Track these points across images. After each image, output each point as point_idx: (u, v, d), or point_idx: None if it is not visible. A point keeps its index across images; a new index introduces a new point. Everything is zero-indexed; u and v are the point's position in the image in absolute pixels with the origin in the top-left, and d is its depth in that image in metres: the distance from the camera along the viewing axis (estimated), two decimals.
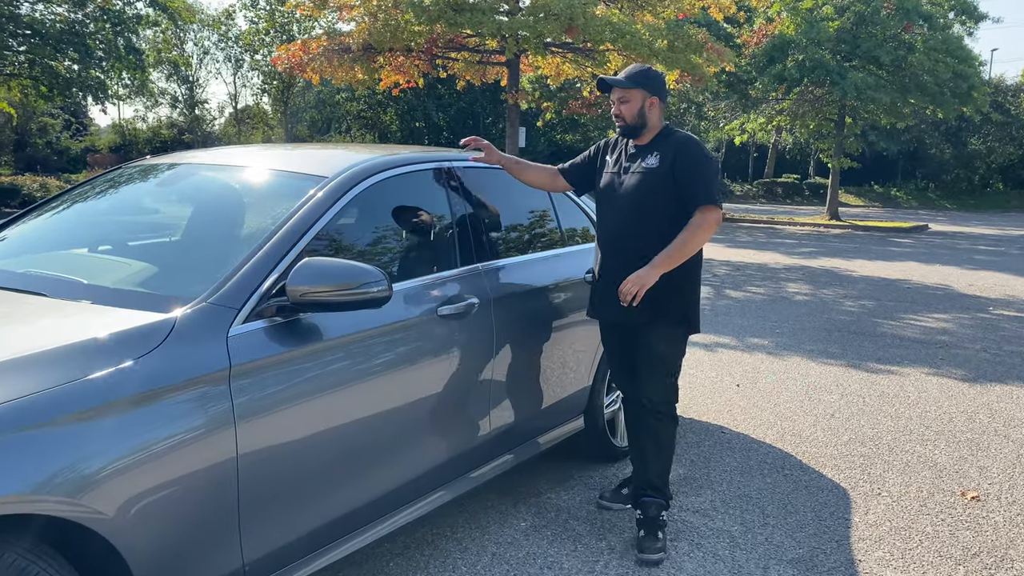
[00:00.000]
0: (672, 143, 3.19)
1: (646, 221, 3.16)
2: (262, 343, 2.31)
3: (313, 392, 2.41)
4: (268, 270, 2.42)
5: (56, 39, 18.20)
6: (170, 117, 37.31)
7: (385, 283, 2.42)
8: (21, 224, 3.18)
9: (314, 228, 2.60)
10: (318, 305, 2.38)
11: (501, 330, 3.17)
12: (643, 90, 3.20)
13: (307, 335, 2.44)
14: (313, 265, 2.37)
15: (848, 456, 4.34)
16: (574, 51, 14.78)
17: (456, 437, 3.02)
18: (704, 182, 3.11)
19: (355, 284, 2.38)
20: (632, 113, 3.21)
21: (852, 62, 21.49)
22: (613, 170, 3.30)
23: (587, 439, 3.98)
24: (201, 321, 2.22)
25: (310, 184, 2.77)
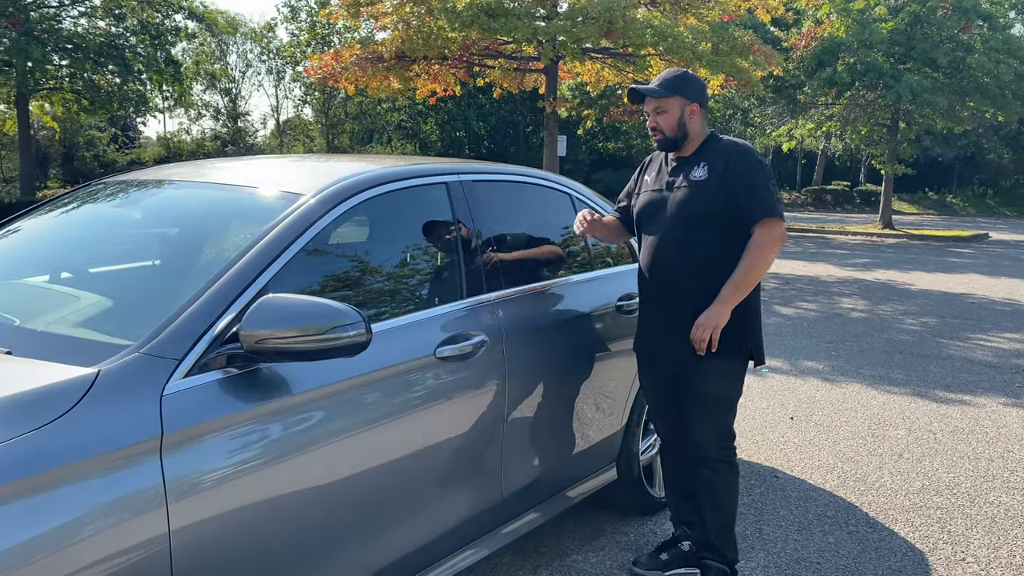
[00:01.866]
0: (720, 152, 2.86)
1: (697, 240, 2.82)
2: (208, 402, 1.88)
3: (276, 460, 1.97)
4: (220, 310, 1.98)
5: (96, 52, 18.27)
6: (213, 129, 37.64)
7: (362, 325, 1.97)
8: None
9: (283, 257, 2.16)
10: (279, 354, 1.94)
11: (515, 371, 2.70)
12: (680, 97, 2.87)
13: (268, 390, 2.00)
14: (272, 305, 1.93)
15: (922, 508, 3.77)
16: (614, 56, 14.27)
17: (461, 502, 2.55)
18: (761, 193, 2.77)
19: (324, 327, 1.93)
20: (671, 124, 2.87)
21: (906, 64, 20.59)
22: (654, 187, 2.98)
23: (621, 490, 3.48)
24: (128, 377, 1.79)
25: (282, 204, 2.34)
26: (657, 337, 2.94)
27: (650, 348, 3.00)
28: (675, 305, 2.85)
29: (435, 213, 2.72)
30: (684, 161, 2.92)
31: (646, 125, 2.97)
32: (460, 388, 2.49)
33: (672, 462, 3.15)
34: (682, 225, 2.84)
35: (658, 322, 2.92)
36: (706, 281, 2.79)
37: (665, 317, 2.89)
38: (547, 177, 3.32)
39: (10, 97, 19.25)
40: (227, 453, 1.88)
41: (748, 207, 2.77)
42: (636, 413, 3.43)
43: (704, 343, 2.74)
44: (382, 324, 2.33)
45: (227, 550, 1.86)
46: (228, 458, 1.88)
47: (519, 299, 2.84)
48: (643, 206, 3.00)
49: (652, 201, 2.96)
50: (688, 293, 2.82)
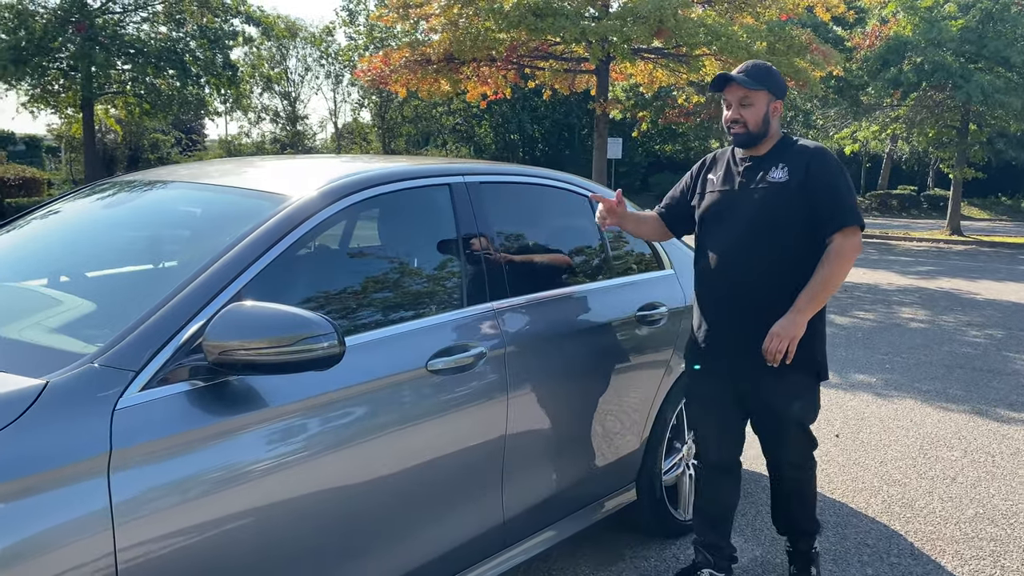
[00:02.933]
0: (799, 154, 2.71)
1: (773, 245, 2.67)
2: (167, 417, 1.76)
3: (242, 480, 1.84)
4: (186, 319, 1.86)
5: (157, 57, 18.70)
6: (273, 132, 38.29)
7: (334, 336, 1.83)
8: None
9: (260, 263, 2.03)
10: (246, 367, 1.81)
11: (519, 386, 2.52)
12: (768, 92, 2.72)
13: (237, 404, 1.87)
14: (238, 314, 1.81)
15: (974, 539, 3.47)
16: (666, 56, 13.97)
17: (456, 524, 2.38)
18: (844, 199, 2.65)
19: (292, 339, 1.80)
20: (756, 118, 2.71)
21: (977, 64, 19.74)
22: (722, 188, 2.81)
23: (642, 511, 3.27)
24: (77, 390, 1.68)
25: (266, 206, 2.21)
26: (723, 347, 2.77)
27: (713, 358, 2.81)
28: (746, 313, 2.70)
29: (435, 216, 2.57)
30: (759, 161, 2.76)
31: (724, 118, 2.78)
32: (455, 403, 2.33)
33: (711, 482, 2.96)
34: (758, 228, 2.68)
35: (726, 330, 2.76)
36: (780, 288, 2.66)
37: (735, 325, 2.73)
38: (563, 179, 3.14)
39: (76, 101, 19.85)
40: (187, 472, 1.76)
41: (830, 213, 2.62)
42: (658, 430, 3.22)
43: (779, 355, 2.57)
44: (369, 334, 2.19)
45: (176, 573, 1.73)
46: (188, 478, 1.75)
47: (526, 308, 2.67)
48: (709, 206, 2.83)
49: (721, 201, 2.80)
50: (761, 300, 2.67)
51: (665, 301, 3.26)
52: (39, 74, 19.10)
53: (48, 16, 18.82)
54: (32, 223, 2.75)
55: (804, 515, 2.97)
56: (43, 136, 34.71)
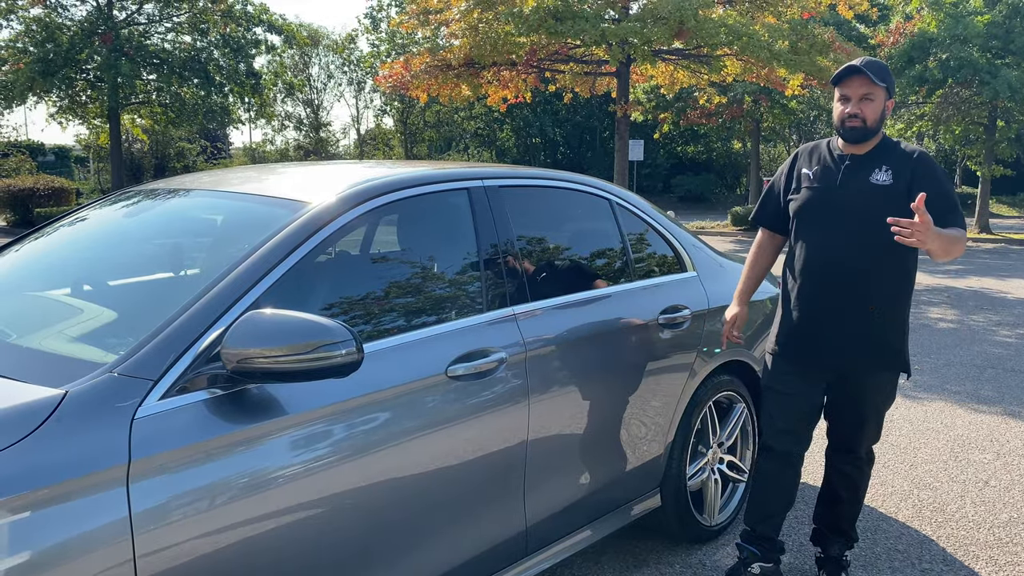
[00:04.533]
0: (903, 156, 2.74)
1: (875, 246, 2.69)
2: (187, 426, 1.75)
3: (262, 488, 1.83)
4: (205, 327, 1.86)
5: (181, 67, 18.92)
6: (297, 139, 38.57)
7: (353, 344, 1.82)
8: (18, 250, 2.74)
9: (279, 269, 2.03)
10: (264, 375, 1.80)
11: (540, 391, 2.50)
12: (886, 89, 2.72)
13: (256, 412, 1.87)
14: (256, 321, 1.80)
15: (1008, 544, 3.39)
16: (686, 57, 13.89)
17: (477, 532, 2.36)
18: (957, 207, 2.69)
19: (310, 346, 1.79)
20: (875, 114, 2.72)
21: (1005, 59, 19.44)
22: (820, 184, 2.82)
23: (666, 516, 3.23)
24: (96, 399, 1.68)
25: (285, 213, 2.21)
26: (819, 343, 2.81)
27: (807, 353, 2.85)
28: (846, 311, 2.74)
29: (454, 221, 2.55)
30: (860, 160, 2.77)
31: (837, 112, 2.77)
32: (474, 409, 2.30)
33: (773, 474, 2.99)
34: (861, 228, 2.70)
35: (825, 327, 2.79)
36: (880, 287, 2.72)
37: (834, 322, 2.77)
38: (583, 181, 3.11)
39: (102, 111, 20.14)
40: (206, 481, 1.75)
41: (942, 218, 2.56)
42: (682, 435, 3.18)
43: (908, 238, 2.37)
44: (387, 340, 2.18)
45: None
46: (207, 487, 1.75)
47: (546, 313, 2.64)
48: (805, 202, 2.84)
49: (820, 199, 2.81)
50: (861, 298, 2.72)
51: (688, 304, 3.23)
52: (67, 85, 19.40)
53: (75, 28, 19.11)
54: (56, 233, 2.77)
55: (851, 515, 3.02)
56: (72, 147, 35.23)
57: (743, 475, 3.57)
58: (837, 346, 2.77)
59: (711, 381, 3.31)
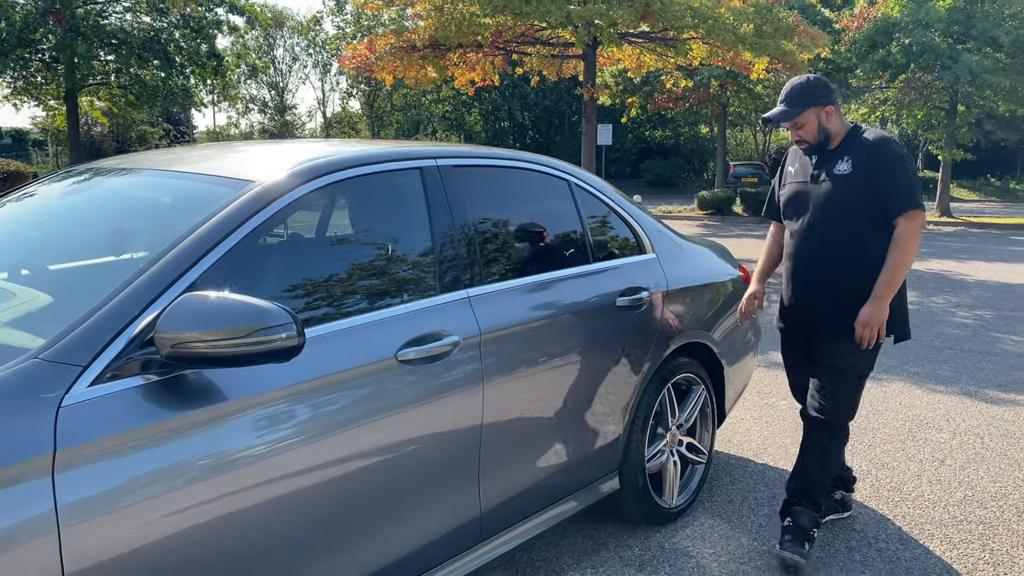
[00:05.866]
0: (863, 145, 2.99)
1: (843, 232, 3.00)
2: (118, 414, 1.68)
3: (200, 479, 1.76)
4: (138, 310, 1.79)
5: (140, 47, 18.47)
6: (262, 123, 38.01)
7: (293, 327, 1.75)
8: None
9: (218, 250, 1.95)
10: (201, 360, 1.73)
11: (495, 374, 2.45)
12: (812, 108, 3.03)
13: (194, 399, 1.80)
14: (191, 304, 1.73)
15: (964, 523, 3.42)
16: (653, 40, 13.86)
17: (429, 520, 2.32)
18: (902, 184, 2.90)
19: (248, 329, 1.72)
20: (812, 133, 3.07)
21: (966, 44, 19.70)
22: (799, 179, 3.17)
23: (625, 500, 3.21)
24: (19, 386, 1.60)
25: (228, 191, 2.13)
26: (801, 316, 3.17)
27: (794, 325, 3.24)
28: (820, 290, 3.06)
29: (406, 200, 2.49)
30: (829, 154, 3.07)
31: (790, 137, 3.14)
32: (427, 394, 2.25)
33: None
34: (829, 217, 3.01)
35: (804, 303, 3.14)
36: (853, 270, 2.97)
37: (811, 300, 3.11)
38: (541, 162, 3.06)
39: (59, 93, 19.61)
40: (138, 471, 1.68)
41: (891, 199, 2.89)
42: (641, 417, 3.16)
43: (872, 340, 2.92)
44: (334, 324, 2.11)
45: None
46: (139, 477, 1.68)
47: (502, 295, 2.59)
48: (788, 197, 3.19)
49: (797, 192, 3.14)
50: (832, 279, 3.02)
51: (647, 285, 3.20)
52: (20, 66, 18.85)
53: (28, 7, 18.56)
54: (8, 210, 2.65)
55: (820, 480, 3.15)
56: (29, 130, 34.39)
57: (702, 457, 3.57)
58: (815, 318, 3.09)
59: (670, 363, 3.29)
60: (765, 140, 44.57)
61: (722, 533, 3.31)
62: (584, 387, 2.85)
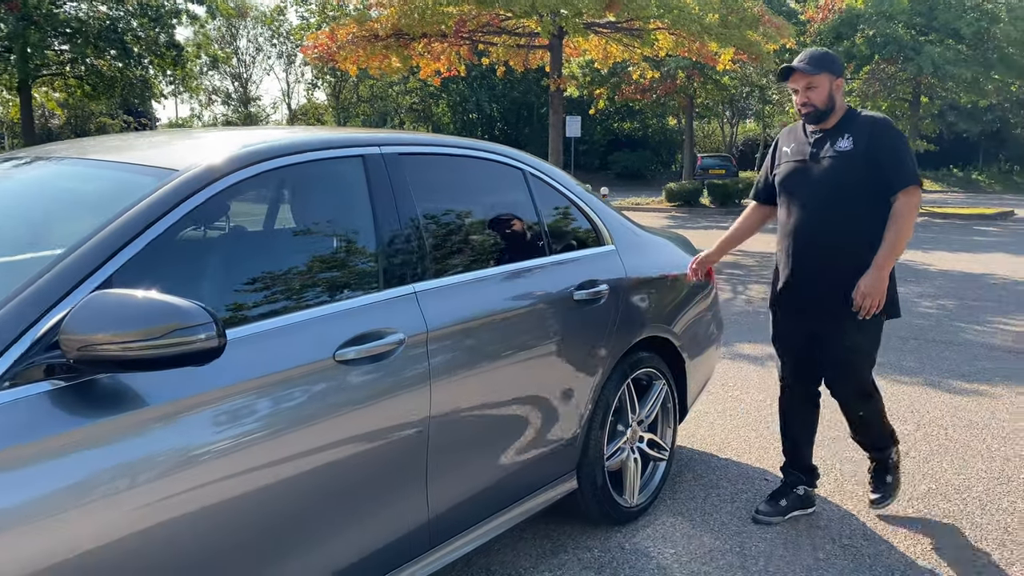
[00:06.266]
0: (863, 124, 3.08)
1: (841, 208, 3.06)
2: (20, 423, 1.53)
3: (117, 492, 1.62)
4: (42, 311, 1.64)
5: (96, 37, 17.99)
6: (225, 115, 37.40)
7: (213, 327, 1.62)
8: None
9: (134, 245, 1.81)
10: (111, 363, 1.59)
11: (443, 373, 2.33)
12: (829, 73, 3.10)
13: (105, 406, 1.65)
14: (100, 303, 1.58)
15: (926, 517, 3.37)
16: (619, 30, 13.78)
17: (373, 528, 2.19)
18: (905, 161, 3.01)
19: (163, 330, 1.58)
20: (822, 98, 3.10)
21: (928, 36, 19.90)
22: (796, 158, 3.21)
23: (584, 500, 3.11)
24: None
25: (150, 181, 1.98)
26: (799, 296, 3.19)
27: (790, 305, 3.26)
28: (819, 268, 3.11)
29: (346, 190, 2.35)
30: (827, 133, 3.13)
31: (794, 102, 3.16)
32: (368, 396, 2.12)
33: (794, 408, 3.39)
34: (830, 193, 3.06)
35: (802, 282, 3.17)
36: (850, 247, 3.04)
37: (810, 278, 3.14)
38: (494, 150, 2.94)
39: (12, 83, 19.06)
40: (48, 486, 1.54)
41: (893, 175, 2.98)
42: (600, 414, 3.06)
43: (872, 310, 2.98)
44: (266, 323, 1.98)
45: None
46: (50, 493, 1.53)
47: (451, 290, 2.47)
48: (785, 175, 3.22)
49: (795, 171, 3.18)
50: (831, 256, 3.07)
51: (606, 278, 3.10)
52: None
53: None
54: None
55: (870, 437, 3.38)
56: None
57: (664, 453, 3.48)
58: (815, 297, 3.13)
59: (629, 358, 3.20)
60: (732, 132, 44.83)
61: (684, 532, 3.22)
62: (539, 385, 2.74)
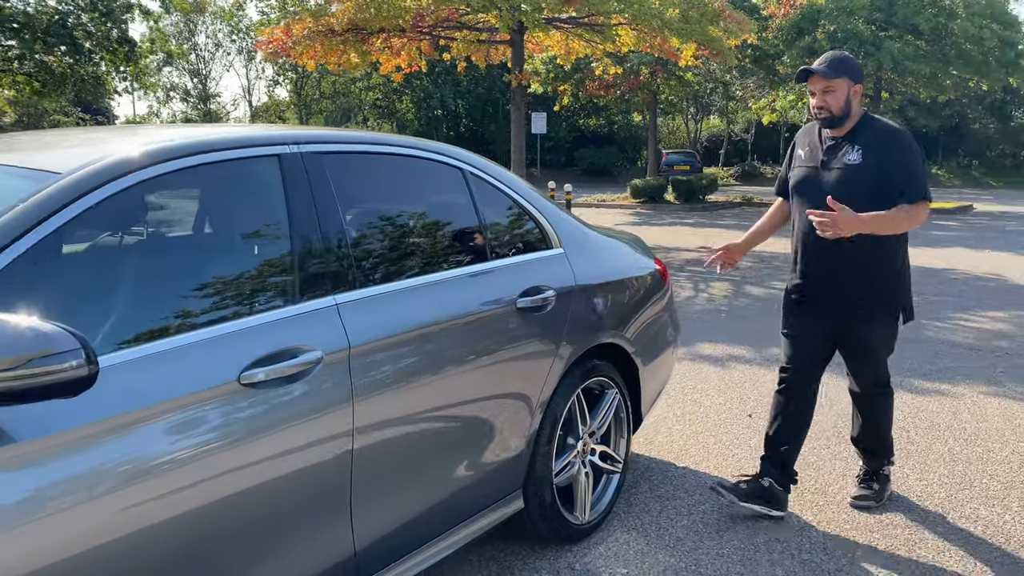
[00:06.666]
0: (876, 134, 3.08)
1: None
2: None
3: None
4: None
5: (45, 32, 17.43)
6: (184, 112, 36.67)
7: (81, 354, 1.42)
8: None
9: (2, 257, 1.59)
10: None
11: (368, 393, 2.14)
12: (847, 78, 3.09)
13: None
14: None
15: (888, 527, 3.25)
16: (580, 25, 13.63)
17: (288, 570, 1.99)
18: (915, 175, 3.02)
19: (21, 359, 1.38)
20: (839, 103, 3.09)
21: (888, 32, 20.04)
22: (808, 163, 3.24)
23: (531, 519, 2.94)
24: None
25: (27, 185, 1.76)
26: (810, 299, 3.26)
27: (805, 305, 3.29)
28: (827, 274, 3.18)
29: (258, 193, 2.15)
30: (839, 141, 3.14)
31: (813, 104, 3.14)
32: (279, 421, 1.93)
33: (788, 403, 3.37)
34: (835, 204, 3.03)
35: (812, 287, 3.25)
36: (854, 253, 3.08)
37: (819, 284, 3.22)
38: (431, 148, 2.74)
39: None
40: None
41: (903, 188, 2.98)
42: (547, 428, 2.88)
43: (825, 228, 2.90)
44: (157, 345, 1.77)
45: None
46: None
47: (379, 301, 2.28)
48: (797, 180, 3.27)
49: (806, 177, 3.22)
50: (839, 264, 3.13)
51: (552, 284, 2.92)
52: None
53: None
54: None
55: (869, 435, 3.47)
56: None
57: (617, 466, 3.32)
58: (825, 302, 3.22)
59: (579, 367, 3.03)
60: (697, 128, 45.05)
61: (638, 549, 3.06)
62: (479, 400, 2.56)
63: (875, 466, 3.49)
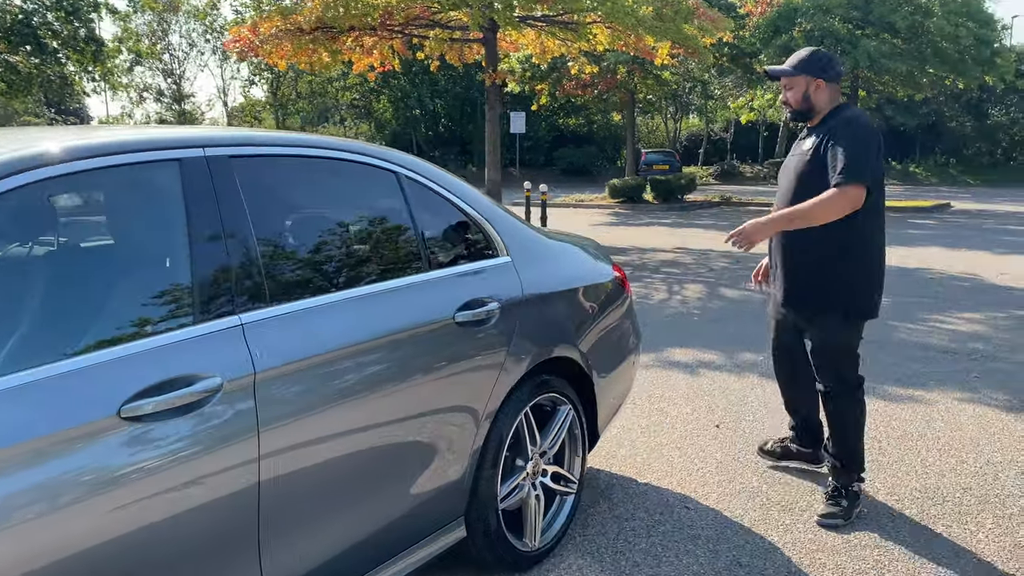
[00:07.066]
0: (831, 123, 3.15)
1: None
2: None
3: None
4: None
5: (9, 31, 17.04)
6: (158, 112, 36.17)
7: None
8: None
9: None
10: None
11: (276, 422, 1.94)
12: (806, 75, 3.21)
13: None
14: None
15: (856, 548, 3.08)
16: (554, 23, 13.45)
17: None
18: (843, 159, 2.98)
19: None
20: (796, 98, 3.25)
21: (865, 30, 20.02)
22: (787, 154, 3.45)
23: (475, 547, 2.74)
24: None
25: None
26: (779, 297, 3.40)
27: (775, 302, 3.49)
28: (785, 266, 3.32)
29: (152, 202, 1.94)
30: (808, 132, 3.28)
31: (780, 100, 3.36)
32: (169, 459, 1.72)
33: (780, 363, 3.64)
34: (792, 192, 3.22)
35: (779, 280, 3.37)
36: (809, 242, 3.15)
37: (778, 284, 3.38)
38: (359, 150, 2.54)
39: None
40: None
41: (832, 171, 3.01)
42: (491, 450, 2.68)
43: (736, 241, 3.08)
44: (20, 377, 1.55)
45: None
46: None
47: (291, 320, 2.07)
48: (778, 173, 3.47)
49: (781, 169, 3.42)
50: (794, 255, 3.26)
51: (497, 294, 2.73)
52: None
53: None
54: None
55: (836, 443, 3.40)
56: None
57: (572, 486, 3.13)
58: (781, 298, 3.38)
59: (528, 383, 2.84)
60: (676, 127, 45.06)
61: (592, 573, 2.87)
62: (412, 423, 2.36)
63: (844, 481, 3.37)
